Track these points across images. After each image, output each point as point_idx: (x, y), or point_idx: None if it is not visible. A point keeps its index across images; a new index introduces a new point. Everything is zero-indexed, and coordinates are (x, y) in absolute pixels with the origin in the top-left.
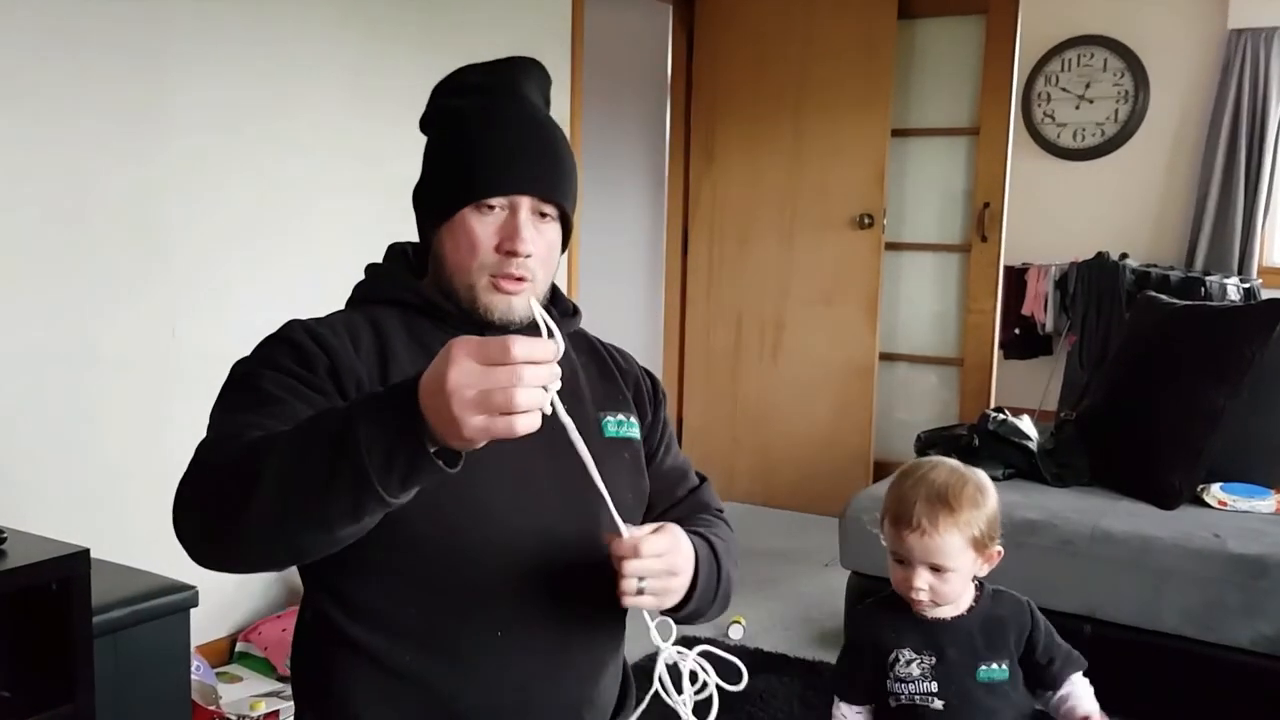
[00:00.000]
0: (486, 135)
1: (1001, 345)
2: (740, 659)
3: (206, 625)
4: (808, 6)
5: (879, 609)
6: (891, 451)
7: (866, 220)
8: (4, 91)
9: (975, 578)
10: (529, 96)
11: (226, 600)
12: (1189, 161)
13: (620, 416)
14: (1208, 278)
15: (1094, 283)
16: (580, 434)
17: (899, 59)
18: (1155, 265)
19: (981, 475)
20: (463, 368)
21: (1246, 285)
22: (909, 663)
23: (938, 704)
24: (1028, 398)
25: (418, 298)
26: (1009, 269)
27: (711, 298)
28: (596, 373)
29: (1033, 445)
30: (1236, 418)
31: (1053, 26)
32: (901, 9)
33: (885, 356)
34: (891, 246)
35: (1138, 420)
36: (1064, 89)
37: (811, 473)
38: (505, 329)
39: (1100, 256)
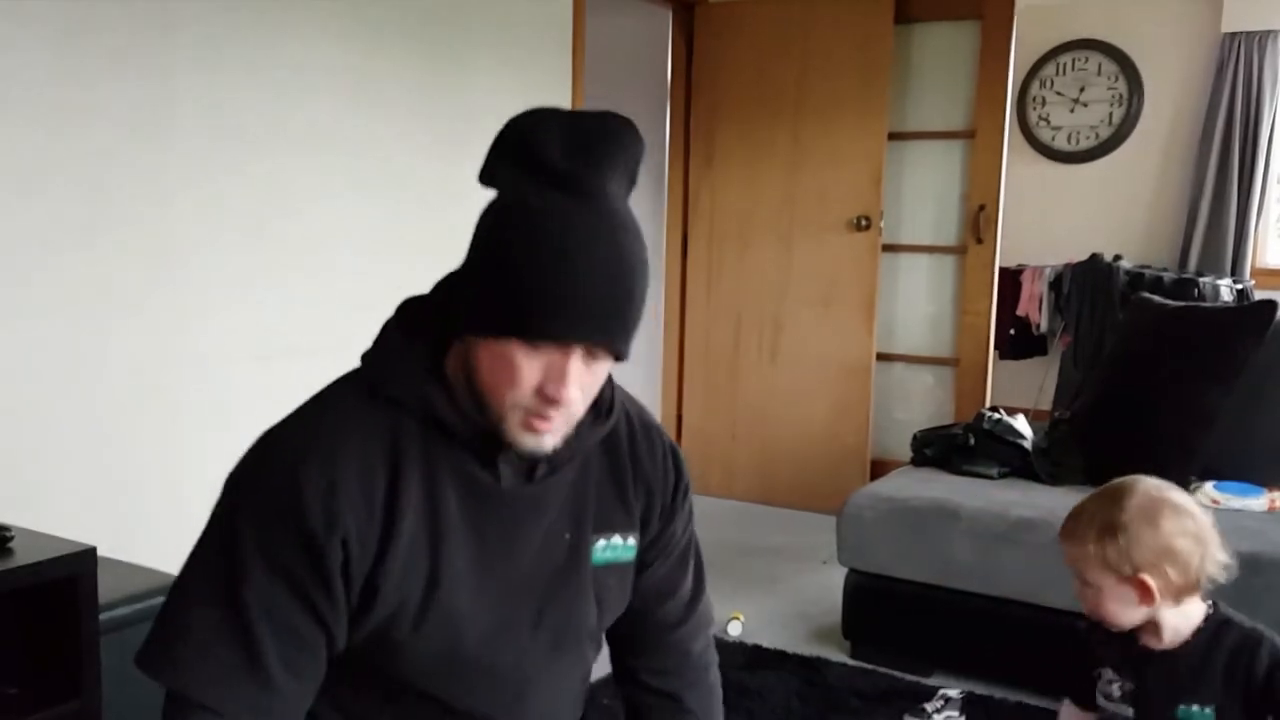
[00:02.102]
0: (558, 262)
1: (997, 345)
2: (739, 655)
3: None
4: (806, 11)
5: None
6: (888, 450)
7: (864, 222)
8: (10, 98)
9: (1209, 609)
10: (612, 195)
11: None
12: (1182, 164)
13: (616, 539)
14: (1201, 279)
15: (1088, 284)
16: (570, 562)
17: (896, 63)
18: (1149, 267)
19: (1165, 506)
20: None
21: (1239, 286)
22: (1110, 682)
23: None
24: (1023, 397)
25: (437, 416)
26: (1004, 270)
27: (711, 298)
28: (609, 480)
29: (1027, 444)
30: (1229, 417)
31: (1047, 31)
32: (898, 14)
33: (882, 357)
34: (888, 248)
35: (1131, 420)
36: (1058, 92)
37: (809, 471)
38: (528, 458)
39: (1094, 258)
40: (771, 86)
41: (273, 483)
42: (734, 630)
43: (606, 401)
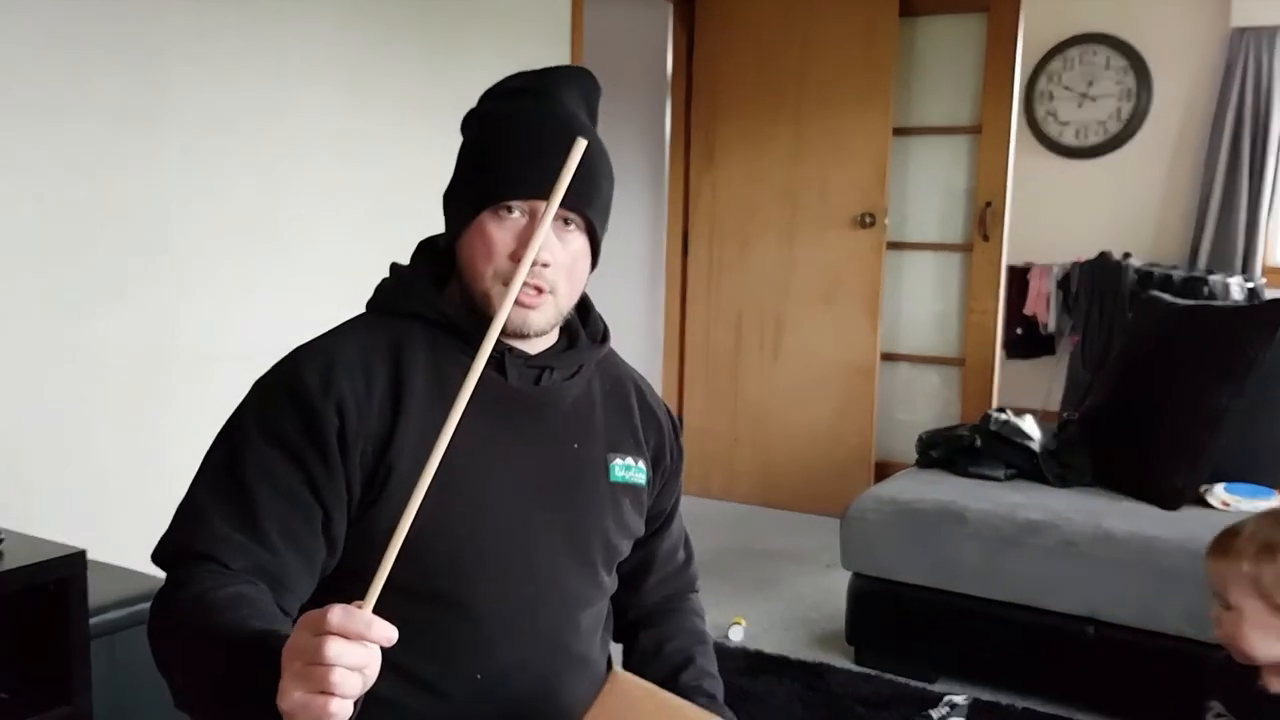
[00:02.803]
0: (512, 135)
1: (1004, 345)
2: (740, 661)
3: None
4: (809, 5)
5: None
6: (893, 452)
7: (868, 219)
8: (4, 93)
9: None
10: (565, 101)
11: None
12: (1192, 160)
13: (629, 460)
14: (1211, 277)
15: (1096, 282)
16: (585, 473)
17: (900, 57)
18: (1158, 265)
19: None
20: (297, 639)
21: (1250, 285)
22: (1216, 715)
23: None
24: (1030, 398)
25: (440, 315)
26: (1011, 268)
27: (712, 297)
28: (617, 408)
29: (1035, 446)
30: (1239, 418)
31: (1055, 24)
32: (903, 6)
33: (886, 356)
34: (893, 246)
35: (1140, 420)
36: (1066, 87)
37: (812, 473)
38: (524, 338)
39: (1103, 256)
40: (774, 81)
41: (276, 373)
42: (735, 635)
43: (601, 329)
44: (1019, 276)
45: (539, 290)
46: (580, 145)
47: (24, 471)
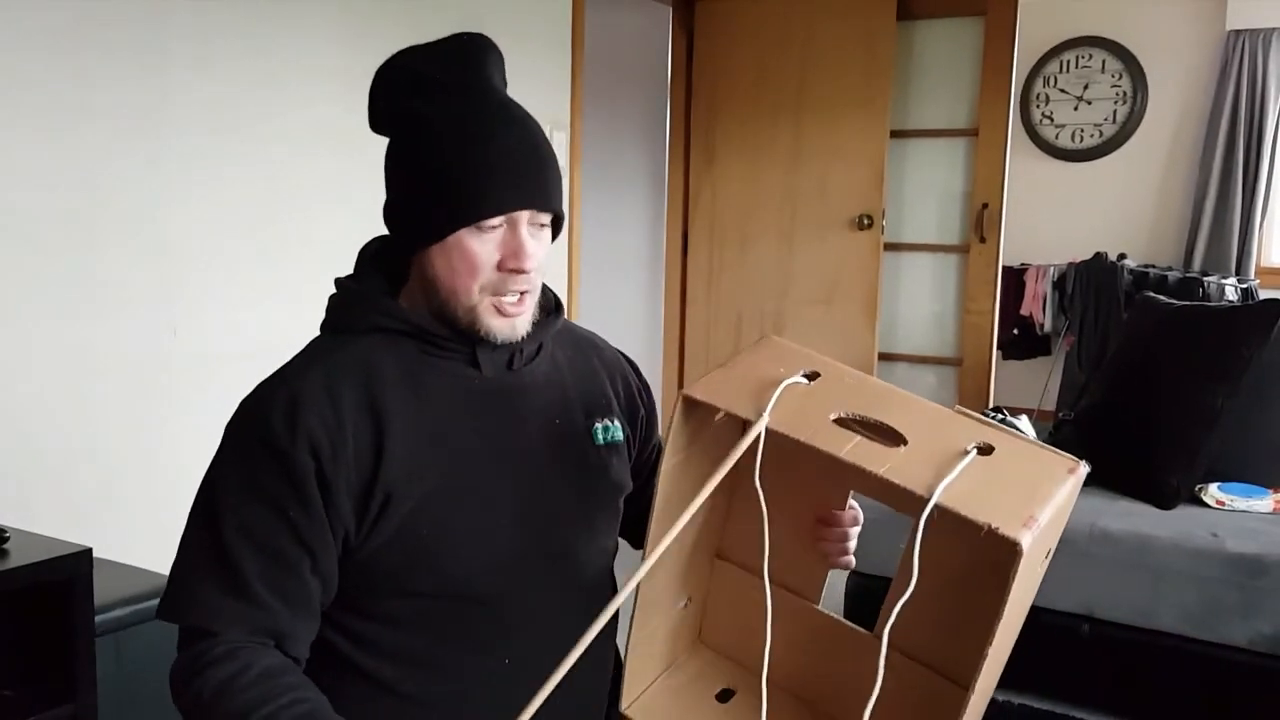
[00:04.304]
0: (476, 149)
1: (1000, 345)
2: None
3: None
4: (807, 8)
5: None
6: None
7: (866, 221)
8: (6, 96)
9: None
10: (498, 89)
11: None
12: (1187, 162)
13: (607, 421)
14: (1206, 278)
15: (1092, 283)
16: (573, 445)
17: (898, 60)
18: (1153, 266)
19: None
20: None
21: (1244, 286)
22: None
23: None
24: (1026, 398)
25: (404, 323)
26: (1007, 269)
27: (711, 298)
28: (581, 373)
29: None
30: (1234, 418)
31: (1051, 28)
32: (900, 10)
33: (884, 356)
34: (890, 247)
35: (1136, 420)
36: (1062, 90)
37: None
38: (502, 348)
39: (1098, 257)
40: (773, 84)
41: (242, 422)
42: None
43: (553, 300)
44: (1015, 277)
45: (522, 295)
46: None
47: (29, 469)
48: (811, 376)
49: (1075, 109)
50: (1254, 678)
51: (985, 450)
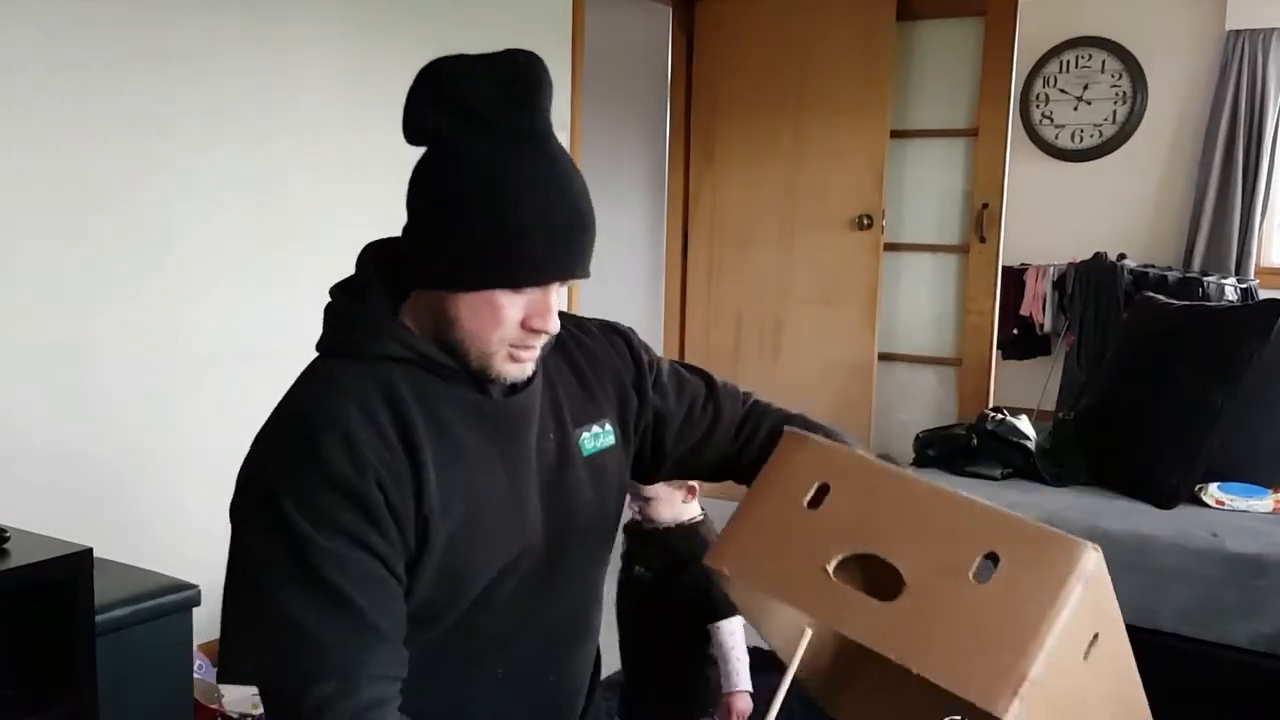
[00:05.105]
0: (525, 211)
1: (1000, 345)
2: None
3: (208, 624)
4: (807, 9)
5: None
6: (891, 451)
7: (865, 221)
8: (8, 95)
9: None
10: (552, 137)
11: None
12: (1187, 162)
13: (596, 428)
14: (1205, 278)
15: (1092, 283)
16: (563, 458)
17: (898, 61)
18: (1153, 266)
19: None
20: None
21: (1244, 286)
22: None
23: None
24: (1026, 398)
25: (417, 355)
26: (1007, 269)
27: (711, 298)
28: (569, 377)
29: (1031, 445)
30: (1234, 418)
31: (1051, 28)
32: (900, 11)
33: (884, 357)
34: (890, 247)
35: (1135, 420)
36: (1062, 90)
37: None
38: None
39: (1098, 257)
40: (773, 84)
41: (295, 459)
42: None
43: None
44: (1015, 277)
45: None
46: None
47: (30, 470)
48: (821, 492)
49: (1075, 109)
50: (1254, 677)
51: (987, 567)
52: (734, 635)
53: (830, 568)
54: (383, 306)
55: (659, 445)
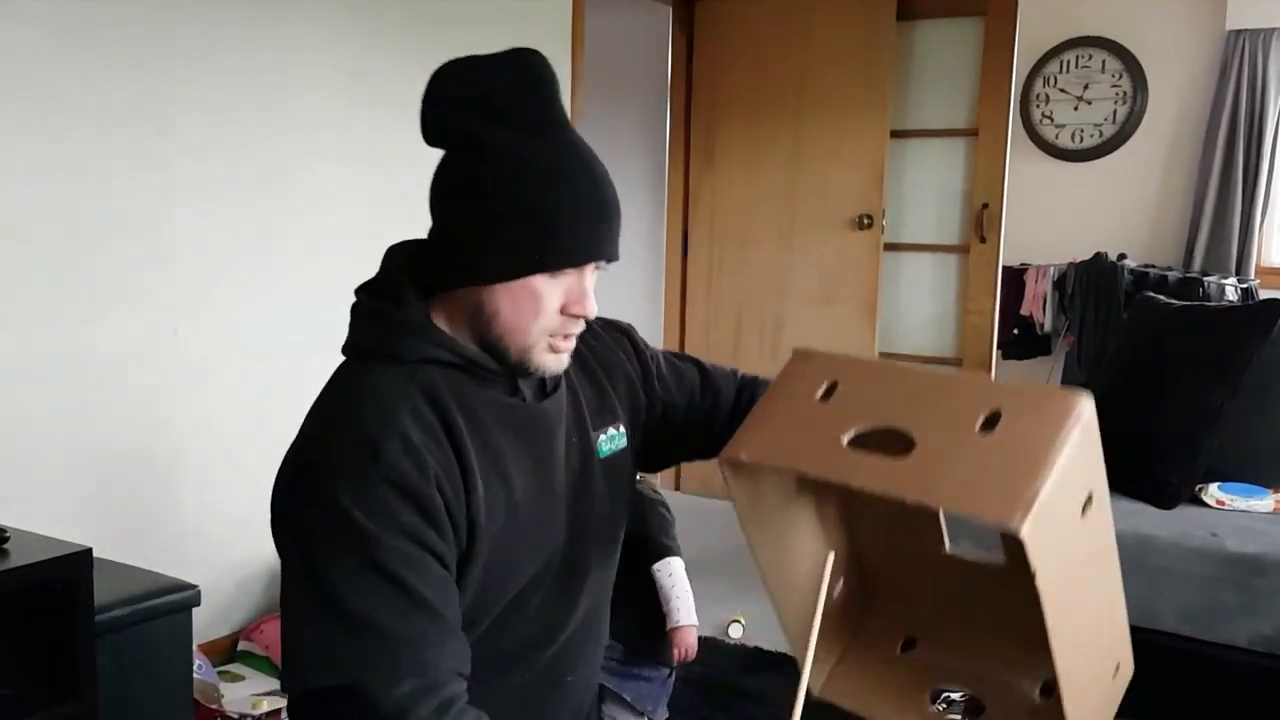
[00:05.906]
0: (556, 194)
1: (1000, 345)
2: (739, 658)
3: (208, 624)
4: (807, 9)
5: None
6: None
7: (865, 221)
8: (8, 95)
9: None
10: (569, 124)
11: (228, 599)
12: (1187, 162)
13: (611, 430)
14: (1206, 278)
15: (1092, 283)
16: (584, 461)
17: (898, 61)
18: (1153, 266)
19: None
20: None
21: (1244, 286)
22: None
23: None
24: None
25: (457, 357)
26: (1007, 269)
27: (711, 298)
28: (587, 381)
29: None
30: (1234, 418)
31: (1051, 28)
32: (900, 11)
33: (884, 356)
34: (890, 247)
35: (1136, 420)
36: (1062, 90)
37: None
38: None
39: (1098, 257)
40: (773, 84)
41: (354, 462)
42: (735, 633)
43: None
44: (1015, 277)
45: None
46: None
47: (30, 470)
48: (830, 389)
49: (1075, 109)
50: (1254, 677)
51: (991, 421)
52: (674, 575)
53: (845, 440)
54: (420, 309)
55: (665, 436)
